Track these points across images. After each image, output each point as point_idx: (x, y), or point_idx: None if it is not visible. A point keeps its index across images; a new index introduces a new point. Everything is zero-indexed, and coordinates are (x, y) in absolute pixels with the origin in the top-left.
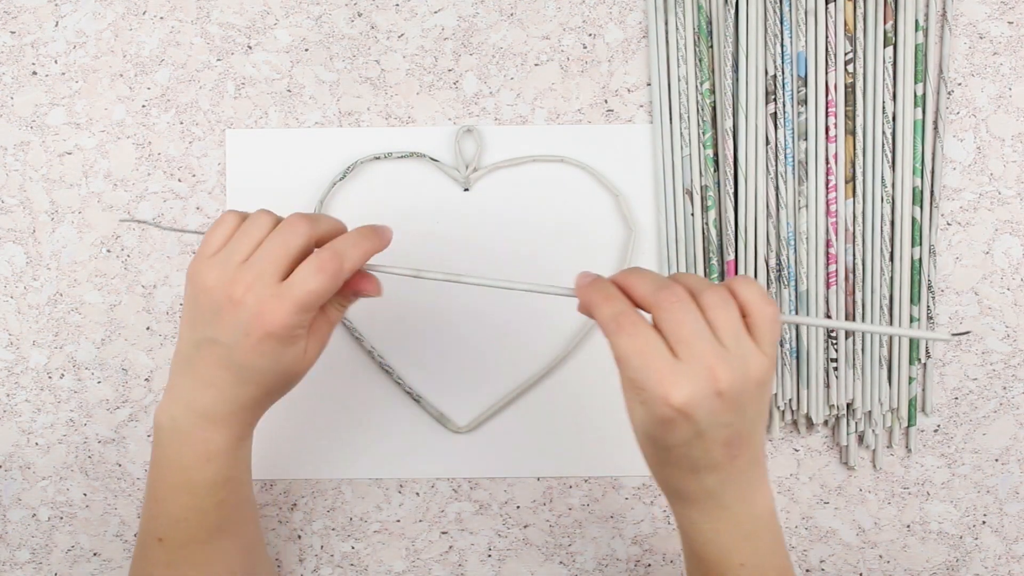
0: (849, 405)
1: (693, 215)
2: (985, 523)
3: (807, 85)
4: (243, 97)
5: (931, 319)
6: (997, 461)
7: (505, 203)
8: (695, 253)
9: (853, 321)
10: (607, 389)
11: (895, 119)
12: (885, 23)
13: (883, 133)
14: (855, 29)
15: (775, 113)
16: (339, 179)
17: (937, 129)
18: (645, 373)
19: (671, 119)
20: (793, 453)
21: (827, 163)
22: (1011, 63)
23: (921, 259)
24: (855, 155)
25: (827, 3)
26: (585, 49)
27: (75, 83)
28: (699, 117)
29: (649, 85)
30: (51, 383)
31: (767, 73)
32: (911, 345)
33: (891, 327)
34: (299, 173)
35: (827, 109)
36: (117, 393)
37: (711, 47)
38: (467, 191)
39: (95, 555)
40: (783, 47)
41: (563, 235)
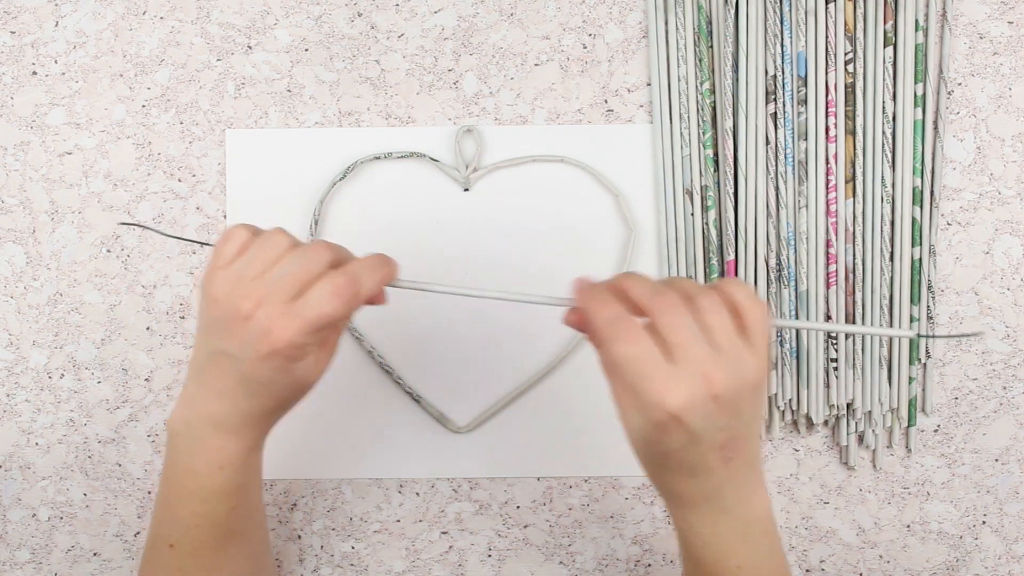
0: (849, 405)
1: (693, 215)
2: (985, 523)
3: (807, 85)
4: (243, 97)
5: (931, 319)
6: (997, 461)
7: (505, 203)
8: (695, 253)
9: (837, 323)
10: (607, 389)
11: (895, 119)
12: (885, 23)
13: (883, 133)
14: (855, 29)
15: (775, 113)
16: (339, 179)
17: (937, 129)
18: (641, 379)
19: (671, 119)
20: (793, 453)
21: (827, 163)
22: (1011, 63)
23: (921, 259)
24: (855, 155)
25: (827, 3)
26: (585, 49)
27: (75, 83)
28: (699, 117)
29: (649, 85)
30: (51, 383)
31: (767, 73)
32: (911, 345)
33: (863, 327)
34: (299, 173)
35: (827, 109)
36: (117, 393)
37: (711, 47)
38: (467, 191)
39: (95, 555)
40: (783, 47)
41: (563, 235)
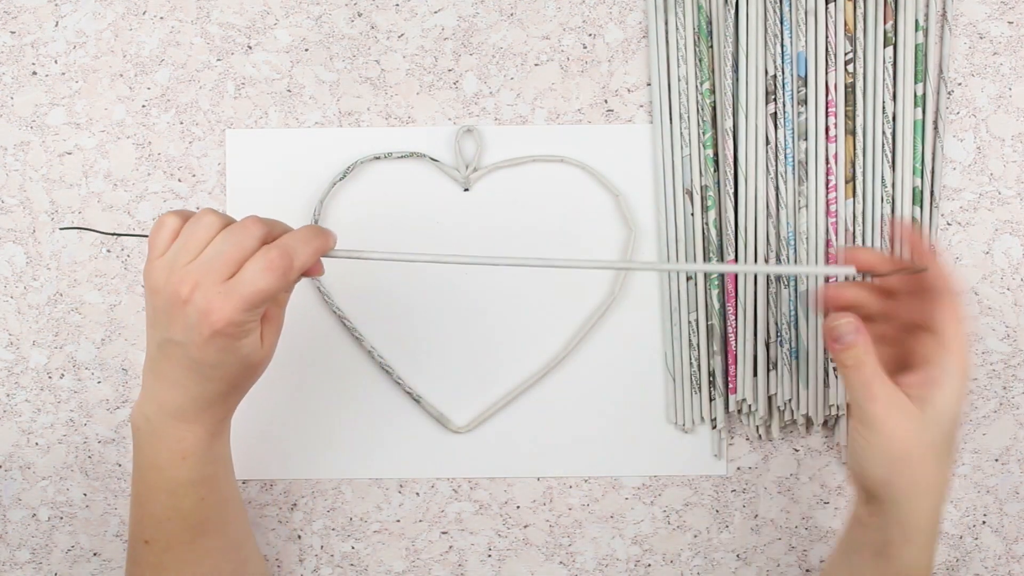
0: (849, 405)
1: (693, 215)
2: (985, 523)
3: (807, 85)
4: (243, 97)
5: None
6: (997, 461)
7: (505, 203)
8: (695, 253)
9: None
10: (607, 389)
11: (895, 119)
12: (885, 23)
13: (883, 133)
14: (855, 29)
15: (775, 113)
16: (339, 179)
17: (937, 129)
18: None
19: (671, 119)
20: (793, 453)
21: (827, 163)
22: (1011, 63)
23: None
24: (855, 155)
25: (827, 3)
26: (585, 49)
27: (75, 83)
28: (699, 117)
29: (649, 85)
30: (51, 383)
31: (767, 73)
32: None
33: (772, 266)
34: (299, 173)
35: (827, 109)
36: (117, 393)
37: (711, 47)
38: (467, 191)
39: (95, 555)
40: (783, 47)
41: (563, 235)
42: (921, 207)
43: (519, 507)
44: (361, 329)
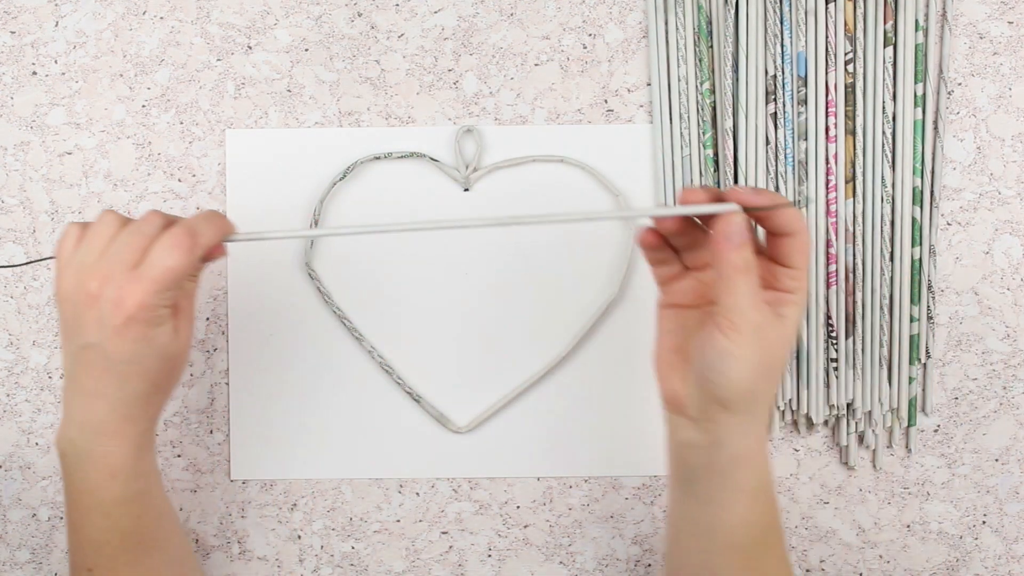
0: (849, 405)
1: None
2: (985, 523)
3: (807, 85)
4: (243, 97)
5: (931, 319)
6: (997, 461)
7: (505, 203)
8: None
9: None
10: (607, 389)
11: (895, 119)
12: (885, 23)
13: (883, 133)
14: (855, 29)
15: (775, 113)
16: (339, 179)
17: (937, 129)
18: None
19: (671, 119)
20: (793, 453)
21: (827, 163)
22: (1011, 63)
23: (921, 259)
24: (855, 155)
25: (827, 3)
26: (585, 49)
27: (75, 83)
28: (699, 117)
29: (649, 85)
30: (51, 383)
31: (767, 73)
32: (911, 345)
33: (679, 207)
34: (299, 173)
35: (827, 109)
36: None
37: (711, 47)
38: (467, 191)
39: None
40: (783, 47)
41: (563, 235)
42: (921, 207)
43: (519, 507)
44: (361, 329)
